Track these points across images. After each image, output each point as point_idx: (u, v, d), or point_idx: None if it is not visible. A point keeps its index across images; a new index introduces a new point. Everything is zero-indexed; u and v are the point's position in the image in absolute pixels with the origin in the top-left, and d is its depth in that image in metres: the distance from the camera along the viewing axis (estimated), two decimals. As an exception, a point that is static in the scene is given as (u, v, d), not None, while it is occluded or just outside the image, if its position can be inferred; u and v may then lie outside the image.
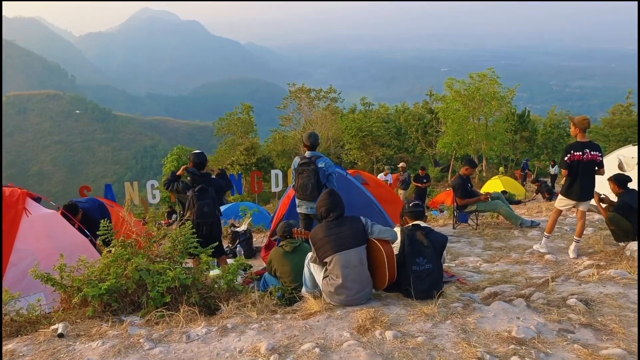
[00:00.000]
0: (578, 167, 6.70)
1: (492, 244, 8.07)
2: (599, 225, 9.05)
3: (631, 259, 6.07)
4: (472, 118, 28.83)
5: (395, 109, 45.86)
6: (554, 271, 6.15)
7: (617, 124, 37.47)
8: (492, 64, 31.27)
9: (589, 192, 6.90)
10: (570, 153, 6.71)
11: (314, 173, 6.91)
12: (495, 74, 27.37)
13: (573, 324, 3.93)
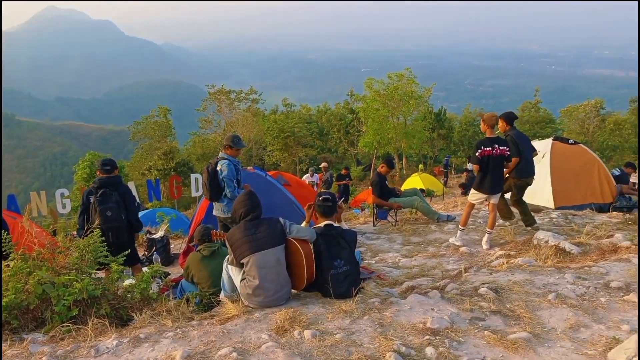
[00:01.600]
0: (488, 162, 7.02)
1: (410, 239, 8.29)
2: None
3: (538, 247, 6.45)
4: (391, 117, 29.59)
5: (318, 109, 46.25)
6: (468, 262, 6.40)
7: (526, 121, 39.85)
8: (410, 64, 32.37)
9: (499, 185, 7.26)
10: (480, 149, 7.02)
11: (212, 174, 6.81)
12: (412, 73, 28.25)
13: (484, 312, 4.10)
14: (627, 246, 5.94)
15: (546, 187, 10.42)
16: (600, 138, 37.70)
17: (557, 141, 11.40)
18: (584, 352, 3.55)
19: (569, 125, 40.93)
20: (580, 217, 9.12)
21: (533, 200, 10.45)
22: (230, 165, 6.77)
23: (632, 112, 39.57)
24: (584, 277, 4.96)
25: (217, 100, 39.46)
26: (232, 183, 6.76)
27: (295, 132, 35.55)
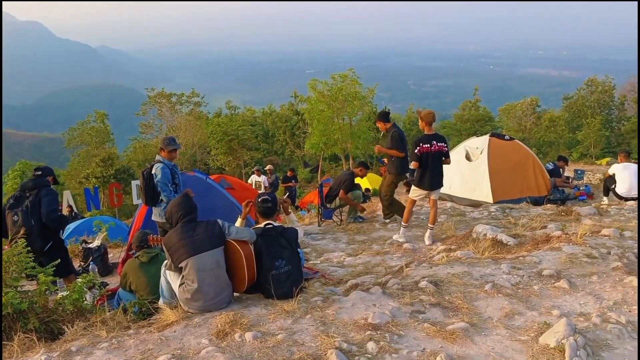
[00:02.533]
0: (427, 159, 7.17)
1: (355, 238, 8.36)
2: (450, 213, 9.79)
3: (477, 240, 6.64)
4: (336, 118, 29.77)
5: (262, 111, 45.95)
6: (410, 258, 6.51)
7: (467, 119, 41.09)
8: (355, 65, 32.61)
9: (439, 181, 7.42)
10: (419, 146, 7.16)
11: (147, 177, 6.62)
12: (355, 74, 28.51)
13: (424, 305, 4.18)
14: (558, 235, 6.20)
15: (485, 182, 10.77)
16: (537, 135, 39.31)
17: (494, 137, 11.81)
18: (517, 338, 3.68)
19: (507, 122, 42.47)
20: (517, 210, 9.46)
21: (473, 195, 10.80)
22: (164, 169, 6.58)
23: (565, 109, 41.53)
24: (518, 267, 5.15)
25: (158, 104, 38.48)
26: (167, 187, 6.56)
27: (239, 135, 35.16)
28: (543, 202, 10.59)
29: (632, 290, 4.51)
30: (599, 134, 35.43)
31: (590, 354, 3.46)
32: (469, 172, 11.10)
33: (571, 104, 40.87)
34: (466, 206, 10.33)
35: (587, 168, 19.19)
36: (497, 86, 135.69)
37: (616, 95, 40.61)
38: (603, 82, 40.00)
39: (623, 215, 8.44)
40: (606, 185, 10.98)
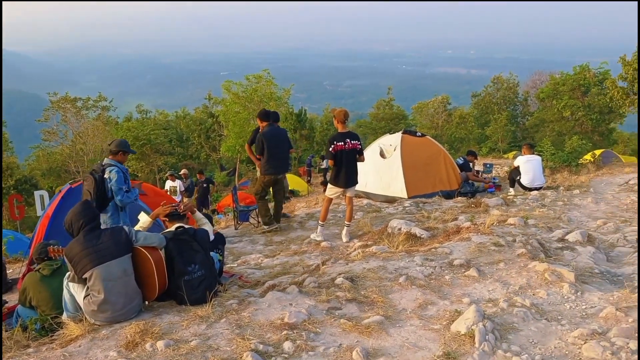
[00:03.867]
0: (342, 156, 7.22)
1: (273, 239, 8.27)
2: (367, 209, 9.94)
3: (392, 235, 6.77)
4: (252, 119, 29.44)
5: (176, 115, 44.60)
6: (328, 256, 6.52)
7: (382, 118, 42.11)
8: (269, 66, 32.35)
9: (354, 178, 7.50)
10: (333, 144, 7.20)
11: (99, 182, 6.23)
12: (270, 75, 28.33)
13: (340, 301, 4.18)
14: (467, 226, 6.46)
15: (399, 178, 11.02)
16: (449, 131, 41.00)
17: (407, 134, 12.12)
18: (430, 327, 3.77)
19: (421, 120, 44.00)
20: (430, 204, 9.78)
21: (388, 191, 11.04)
22: (119, 173, 6.22)
23: (474, 106, 43.61)
24: (431, 258, 5.29)
25: (62, 110, 36.23)
26: (122, 191, 6.22)
27: (151, 140, 33.84)
28: (454, 195, 11.00)
29: (536, 275, 4.76)
30: (506, 129, 37.57)
31: (498, 337, 3.59)
32: (384, 169, 11.33)
33: (479, 101, 43.01)
34: (382, 202, 10.55)
35: (496, 162, 20.27)
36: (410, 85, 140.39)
37: (520, 92, 43.16)
38: (508, 80, 42.39)
39: (528, 205, 8.96)
40: (512, 177, 11.60)
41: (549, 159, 15.06)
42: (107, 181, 6.22)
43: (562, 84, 33.04)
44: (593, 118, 31.77)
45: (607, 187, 10.85)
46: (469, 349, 3.42)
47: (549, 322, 3.87)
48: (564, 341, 3.58)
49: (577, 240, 5.95)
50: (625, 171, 13.26)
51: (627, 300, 4.22)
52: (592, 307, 4.15)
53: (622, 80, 23.86)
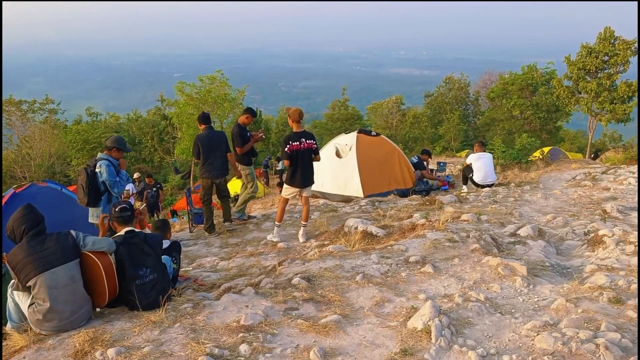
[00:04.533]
0: (297, 156, 7.17)
1: (228, 241, 8.14)
2: (323, 209, 9.93)
3: (348, 234, 6.77)
4: (205, 121, 28.99)
5: (127, 117, 43.46)
6: (285, 257, 6.46)
7: (337, 118, 42.19)
8: (224, 67, 31.88)
9: (310, 178, 7.46)
10: (289, 144, 7.14)
11: (91, 176, 6.18)
12: (224, 76, 27.98)
13: (297, 301, 4.13)
14: (422, 224, 6.53)
15: (355, 178, 11.07)
16: (403, 131, 41.54)
17: (362, 134, 12.19)
18: (387, 324, 3.77)
19: (375, 120, 44.38)
20: (386, 203, 9.85)
21: (344, 191, 11.07)
22: (110, 167, 6.14)
23: (427, 106, 44.32)
24: (387, 256, 5.31)
25: (6, 113, 34.78)
26: (117, 183, 6.23)
27: (102, 143, 32.86)
28: (409, 193, 11.14)
29: (489, 269, 4.84)
30: (458, 128, 38.33)
31: (454, 332, 3.63)
32: (340, 169, 11.36)
33: (432, 101, 43.72)
34: (338, 202, 10.56)
35: (449, 160, 20.70)
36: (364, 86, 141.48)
37: (471, 92, 44.17)
38: (459, 80, 43.28)
39: (480, 201, 9.15)
40: (465, 175, 11.83)
41: (500, 157, 15.46)
42: (98, 175, 6.22)
43: (511, 84, 34.01)
44: (541, 116, 32.83)
45: (555, 183, 11.21)
46: (426, 345, 3.44)
47: (503, 316, 3.93)
48: (517, 334, 3.64)
49: (529, 235, 6.11)
50: (572, 167, 13.74)
51: (576, 292, 4.34)
52: (544, 299, 4.25)
53: (567, 80, 24.73)
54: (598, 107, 23.39)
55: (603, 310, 3.93)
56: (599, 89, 22.76)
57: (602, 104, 22.98)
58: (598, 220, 6.92)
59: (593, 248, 5.75)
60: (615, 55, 22.70)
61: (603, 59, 22.97)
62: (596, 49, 23.07)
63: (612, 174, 11.06)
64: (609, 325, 3.62)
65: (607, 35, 22.97)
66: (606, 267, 4.94)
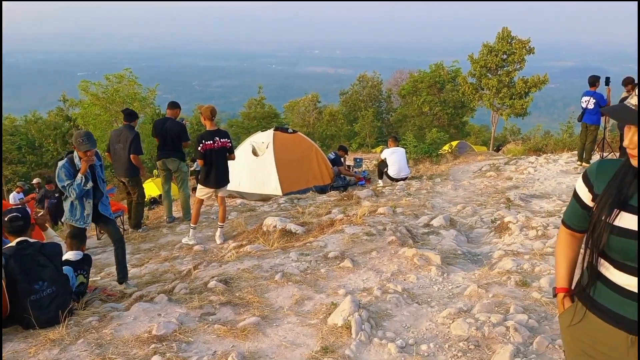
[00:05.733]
0: (212, 156, 6.95)
1: (140, 247, 7.75)
2: (241, 209, 9.73)
3: (267, 233, 6.65)
4: (115, 122, 27.67)
5: (25, 119, 40.41)
6: (201, 260, 6.23)
7: (253, 117, 41.71)
8: (133, 66, 30.50)
9: (225, 178, 7.25)
10: (202, 143, 6.89)
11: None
12: (133, 74, 26.81)
13: (214, 306, 3.97)
14: (340, 219, 6.54)
15: (273, 176, 10.94)
16: (320, 128, 41.86)
17: (278, 131, 12.08)
18: (308, 322, 3.70)
19: (293, 118, 44.39)
20: (305, 200, 9.82)
21: (262, 190, 10.91)
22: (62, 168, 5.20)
23: (342, 103, 44.96)
24: (306, 253, 5.26)
25: None
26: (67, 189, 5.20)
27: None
28: (327, 189, 11.18)
29: (406, 260, 4.92)
30: (373, 125, 39.19)
31: (374, 325, 3.63)
32: (257, 167, 11.18)
33: (347, 99, 44.40)
34: (256, 201, 10.40)
35: (365, 156, 21.08)
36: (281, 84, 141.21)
37: (384, 90, 45.31)
38: (372, 78, 44.26)
39: (395, 195, 9.35)
40: (380, 169, 12.06)
41: (412, 151, 15.94)
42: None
43: (420, 82, 35.25)
44: (449, 112, 34.28)
45: (463, 175, 11.70)
46: (346, 341, 3.41)
47: (420, 306, 3.99)
48: (434, 322, 3.71)
49: (441, 225, 6.29)
50: (478, 159, 14.42)
51: (486, 277, 4.50)
52: (457, 286, 4.36)
53: (471, 77, 26.03)
54: (499, 102, 24.82)
55: (511, 294, 4.09)
56: (499, 86, 24.17)
57: (503, 100, 24.43)
58: (503, 208, 7.28)
59: (500, 234, 6.02)
60: (512, 54, 24.18)
61: (502, 57, 24.39)
62: (496, 47, 24.45)
63: (513, 165, 11.72)
64: (517, 307, 3.78)
65: (504, 35, 24.43)
66: (512, 252, 5.18)
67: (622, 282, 1.68)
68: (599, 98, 10.09)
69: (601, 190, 1.74)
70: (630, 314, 1.66)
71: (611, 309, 1.71)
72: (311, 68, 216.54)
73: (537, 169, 10.75)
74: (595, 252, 1.73)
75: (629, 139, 1.58)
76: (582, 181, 1.83)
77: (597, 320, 1.76)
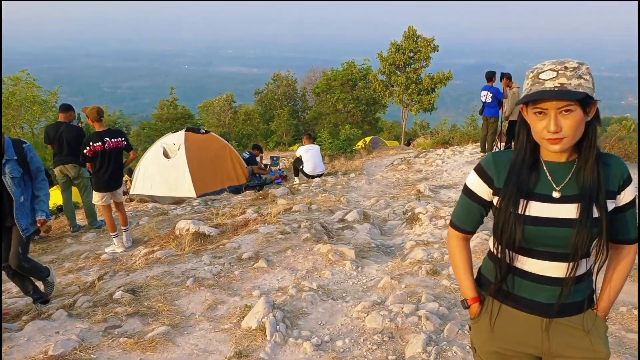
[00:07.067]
0: (103, 158, 6.58)
1: (41, 259, 7.20)
2: (152, 213, 9.34)
3: (180, 237, 6.40)
4: (13, 127, 25.74)
5: None
6: (108, 269, 5.89)
7: (166, 118, 40.38)
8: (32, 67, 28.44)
9: (118, 180, 6.91)
10: (89, 145, 6.50)
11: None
12: (30, 76, 25.04)
13: (120, 318, 3.74)
14: (254, 219, 6.43)
15: (186, 178, 10.61)
16: (236, 128, 41.33)
17: (190, 132, 11.74)
18: (221, 328, 3.58)
19: (208, 119, 43.49)
20: (219, 201, 9.60)
21: (175, 192, 10.56)
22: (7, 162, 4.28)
23: (257, 103, 44.65)
24: (219, 255, 5.11)
25: None
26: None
27: None
28: (243, 189, 11.01)
29: (320, 257, 4.91)
30: (289, 123, 39.24)
31: (289, 325, 3.57)
32: (169, 170, 10.79)
33: (262, 98, 44.16)
34: (169, 204, 10.05)
35: (282, 154, 21.02)
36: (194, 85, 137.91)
37: (298, 88, 45.49)
38: (287, 77, 44.29)
39: (311, 191, 9.36)
40: (295, 167, 12.04)
41: (327, 148, 16.09)
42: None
43: (334, 80, 35.70)
44: (362, 109, 34.98)
45: (377, 169, 11.95)
46: (261, 343, 3.33)
47: (335, 301, 3.98)
48: (349, 317, 3.71)
49: (355, 219, 6.35)
50: (390, 154, 14.81)
51: (399, 269, 4.58)
52: (371, 279, 4.41)
53: (381, 74, 26.70)
54: (408, 98, 25.67)
55: (423, 283, 4.19)
56: (407, 82, 25.00)
57: (411, 96, 25.31)
58: (414, 199, 7.49)
59: (411, 225, 6.17)
60: (418, 52, 25.09)
61: (409, 55, 25.23)
62: (403, 46, 25.26)
63: (423, 157, 12.13)
64: (428, 296, 3.86)
65: (410, 34, 25.30)
66: (423, 242, 5.32)
67: (536, 269, 1.67)
68: (495, 92, 10.64)
69: (503, 183, 1.68)
70: (544, 298, 1.68)
71: (526, 297, 1.70)
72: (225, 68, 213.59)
73: (444, 161, 11.18)
74: (510, 248, 1.68)
75: (554, 123, 1.51)
76: (478, 177, 1.75)
77: (512, 311, 1.73)
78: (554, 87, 1.50)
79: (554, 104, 1.51)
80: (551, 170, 1.65)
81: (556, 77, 1.51)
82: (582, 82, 1.50)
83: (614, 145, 10.41)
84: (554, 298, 1.68)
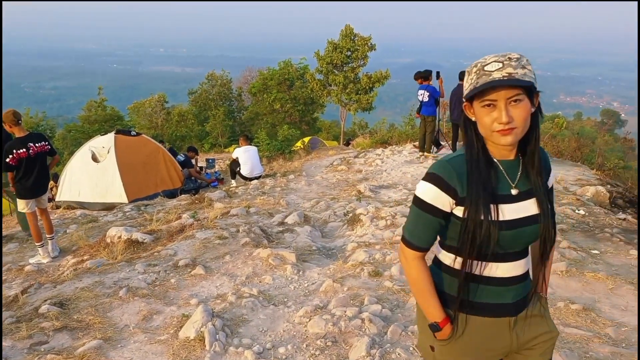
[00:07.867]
0: (28, 165, 6.22)
1: (-42, 272, 6.70)
2: (81, 221, 8.89)
3: (111, 245, 6.11)
4: None
5: None
6: (33, 281, 5.54)
7: (94, 120, 38.73)
8: None
9: (44, 185, 6.57)
10: (13, 153, 6.11)
11: None
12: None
13: (47, 333, 3.51)
14: (191, 224, 6.25)
15: (116, 182, 10.20)
16: (169, 130, 40.24)
17: (120, 134, 11.29)
18: (157, 339, 3.43)
19: (139, 120, 42.09)
20: (153, 206, 9.27)
21: (105, 198, 10.13)
22: None
23: (191, 103, 43.69)
24: (154, 263, 4.92)
25: None
26: None
27: None
28: (178, 193, 10.70)
29: (261, 262, 4.82)
30: (224, 124, 38.65)
31: (229, 333, 3.47)
32: (98, 175, 10.32)
33: (196, 98, 43.22)
34: (99, 211, 9.61)
35: (218, 156, 20.65)
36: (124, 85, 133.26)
37: (234, 88, 44.86)
38: (221, 76, 43.57)
39: (249, 194, 9.21)
40: (232, 169, 11.84)
41: (265, 149, 15.99)
42: None
43: (270, 79, 35.51)
44: (299, 109, 35.01)
45: (316, 170, 11.95)
46: (200, 354, 3.21)
47: (276, 307, 3.91)
48: (291, 323, 3.65)
49: (295, 222, 6.30)
50: (330, 154, 14.86)
51: (341, 271, 4.57)
52: (313, 283, 4.36)
53: (319, 74, 26.76)
54: (346, 97, 25.86)
55: (365, 285, 4.19)
56: (345, 82, 25.17)
57: (349, 95, 25.49)
58: (355, 200, 7.52)
59: (352, 227, 6.19)
60: (356, 51, 25.34)
61: (346, 53, 25.44)
62: (340, 44, 25.44)
63: (362, 157, 12.24)
64: (371, 298, 3.86)
65: (347, 33, 25.51)
66: (364, 243, 5.34)
67: (503, 272, 1.64)
68: (432, 90, 10.88)
69: (466, 191, 1.58)
70: (511, 298, 1.67)
71: (492, 302, 1.67)
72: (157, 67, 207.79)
73: (384, 161, 11.33)
74: (481, 257, 1.60)
75: (505, 114, 1.48)
76: (437, 189, 1.60)
77: (478, 320, 1.68)
78: (503, 77, 1.49)
79: (503, 94, 1.50)
80: (506, 168, 1.64)
81: (502, 67, 1.50)
82: (527, 72, 1.51)
83: (547, 143, 10.93)
84: (520, 295, 1.70)
